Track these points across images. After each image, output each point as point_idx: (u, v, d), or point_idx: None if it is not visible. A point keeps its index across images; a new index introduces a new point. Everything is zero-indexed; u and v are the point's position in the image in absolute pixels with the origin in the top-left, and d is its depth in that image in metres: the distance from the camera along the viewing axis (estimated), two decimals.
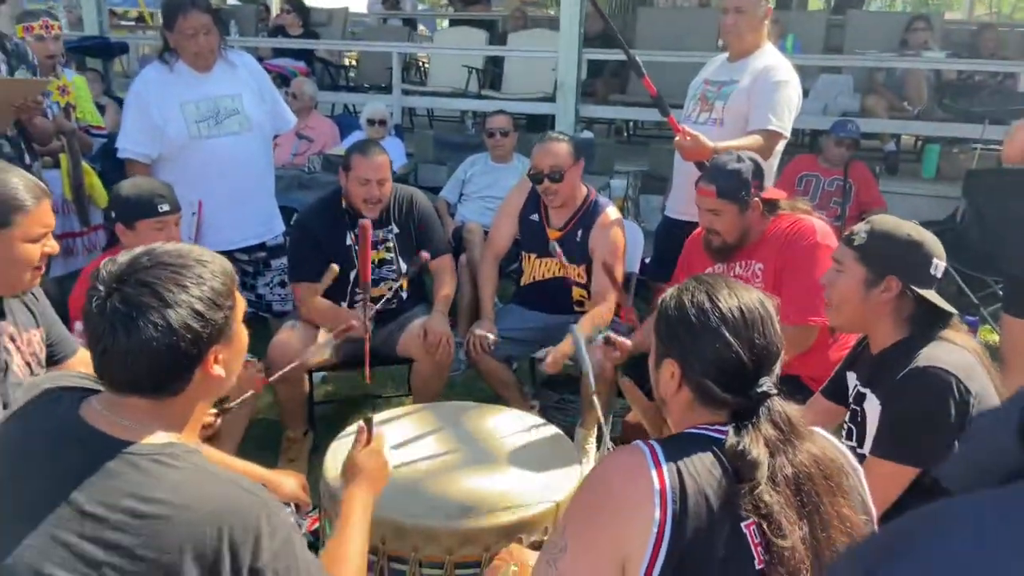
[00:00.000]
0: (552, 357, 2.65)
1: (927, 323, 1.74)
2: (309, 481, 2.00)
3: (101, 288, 1.09)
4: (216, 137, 3.04)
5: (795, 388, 1.94)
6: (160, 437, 1.12)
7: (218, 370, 1.15)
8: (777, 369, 1.21)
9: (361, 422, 1.63)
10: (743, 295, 1.22)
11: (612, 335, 2.45)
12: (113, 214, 2.44)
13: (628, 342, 2.46)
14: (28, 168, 2.96)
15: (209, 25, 2.98)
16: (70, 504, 1.04)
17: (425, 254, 2.80)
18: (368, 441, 1.59)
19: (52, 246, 1.73)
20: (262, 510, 1.09)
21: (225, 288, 1.15)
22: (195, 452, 1.13)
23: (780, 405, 1.18)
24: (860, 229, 1.82)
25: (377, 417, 2.28)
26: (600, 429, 2.95)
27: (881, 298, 1.76)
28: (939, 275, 1.76)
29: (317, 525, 2.16)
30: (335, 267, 2.74)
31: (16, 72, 2.91)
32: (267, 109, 3.21)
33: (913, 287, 1.74)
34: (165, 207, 2.41)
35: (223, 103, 3.06)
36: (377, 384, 3.51)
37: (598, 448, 2.93)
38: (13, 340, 1.74)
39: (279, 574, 1.09)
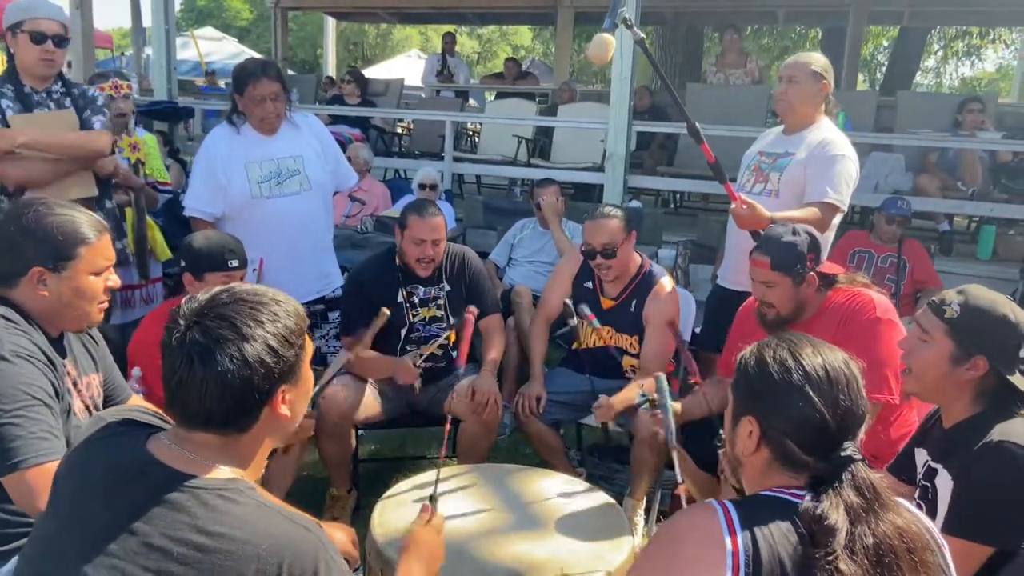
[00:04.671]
0: (609, 403, 2.63)
1: (1005, 399, 1.68)
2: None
3: (181, 322, 1.12)
4: (277, 197, 3.11)
5: None
6: (224, 472, 1.13)
7: (284, 410, 1.17)
8: (861, 434, 1.17)
9: (427, 501, 1.63)
10: (827, 354, 1.19)
11: (656, 398, 2.39)
12: (183, 263, 2.50)
13: (677, 405, 2.41)
14: (102, 206, 3.07)
15: (278, 92, 3.08)
16: (135, 536, 1.05)
17: (473, 308, 2.77)
18: (431, 518, 1.58)
19: (115, 280, 1.78)
20: (320, 548, 1.10)
21: (298, 328, 1.18)
22: (255, 489, 1.13)
23: (864, 471, 1.13)
24: (953, 299, 1.73)
25: (423, 478, 2.25)
26: (649, 500, 2.88)
27: (965, 376, 1.70)
28: None
29: None
30: (386, 311, 2.72)
31: (83, 115, 2.99)
32: (329, 168, 3.29)
33: (1001, 370, 1.67)
34: (235, 263, 2.48)
35: (285, 164, 3.15)
36: (422, 445, 3.48)
37: (646, 521, 2.84)
38: (75, 384, 1.77)
39: None
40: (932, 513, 1.72)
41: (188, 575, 1.02)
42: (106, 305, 1.78)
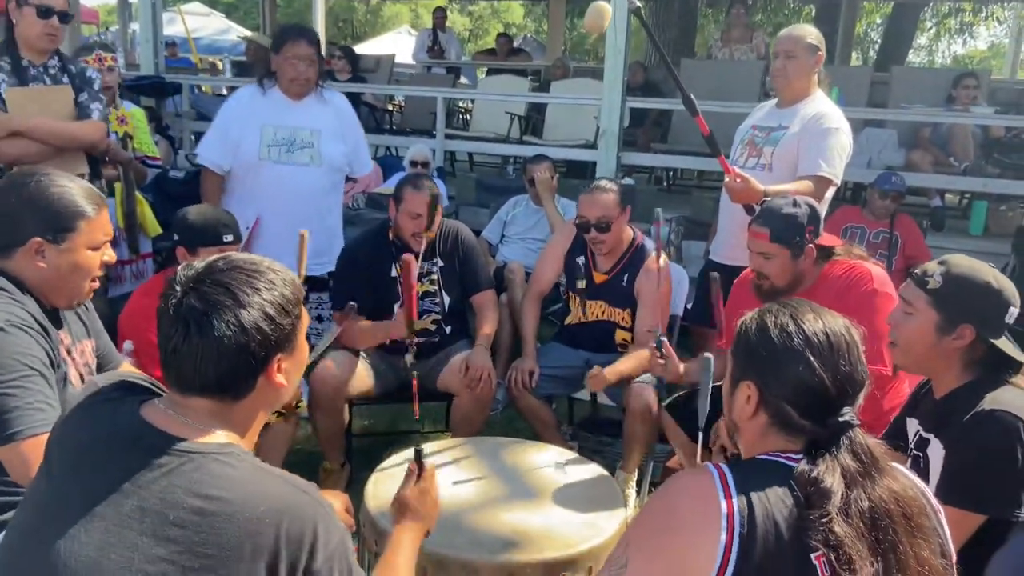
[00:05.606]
0: (602, 372, 2.63)
1: (995, 367, 1.68)
2: None
3: (178, 288, 1.11)
4: (284, 164, 3.17)
5: None
6: (220, 437, 1.12)
7: (280, 379, 1.16)
8: (860, 400, 1.17)
9: (411, 457, 1.60)
10: (829, 320, 1.19)
11: (666, 342, 2.39)
12: (176, 237, 2.49)
13: (679, 363, 2.41)
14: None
15: (312, 57, 3.17)
16: (129, 500, 1.04)
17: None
18: (419, 477, 1.56)
19: (110, 255, 1.77)
20: (318, 511, 1.09)
21: (294, 297, 1.18)
22: (251, 454, 1.13)
23: (862, 436, 1.14)
24: (934, 270, 1.73)
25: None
26: (641, 473, 2.90)
27: (952, 345, 1.70)
28: (1012, 322, 1.70)
29: (356, 557, 2.13)
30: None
31: (79, 96, 2.98)
32: (345, 150, 3.33)
33: (987, 337, 1.68)
34: (229, 237, 2.47)
35: (300, 134, 3.20)
36: (415, 420, 3.48)
37: (638, 493, 2.86)
38: (69, 352, 1.76)
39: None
40: (924, 482, 1.73)
41: (185, 538, 1.02)
42: (97, 284, 1.77)
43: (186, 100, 7.03)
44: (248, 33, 11.65)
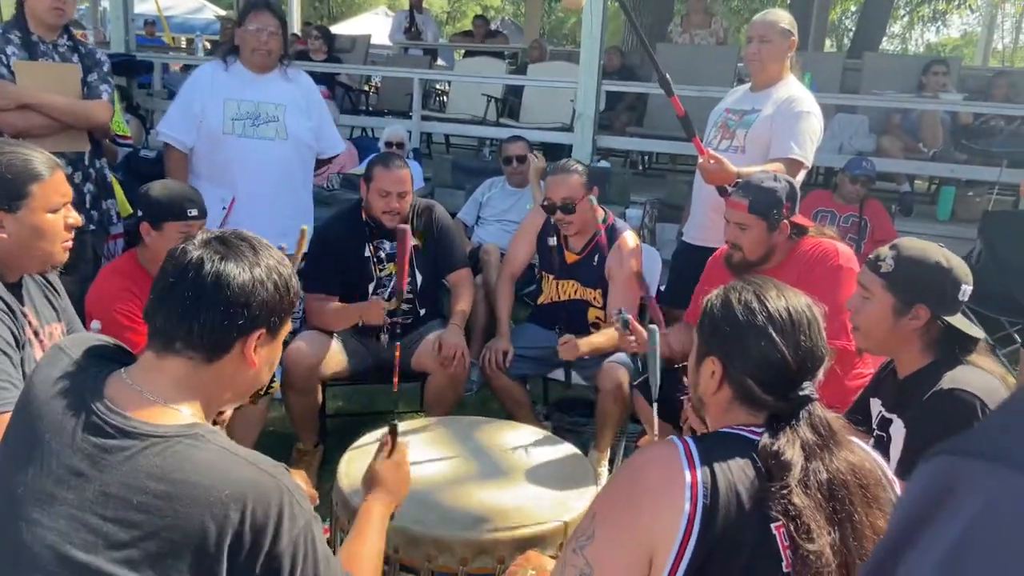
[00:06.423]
0: (574, 341, 2.65)
1: (954, 346, 1.73)
2: (320, 493, 1.97)
3: (197, 241, 1.16)
4: (248, 138, 3.13)
5: None
6: (184, 417, 1.11)
7: (253, 357, 1.16)
8: (820, 376, 1.20)
9: (386, 431, 1.61)
10: (791, 297, 1.22)
11: (632, 319, 2.42)
12: (139, 212, 2.45)
13: (643, 332, 2.44)
14: (92, 164, 3.05)
15: (276, 28, 3.15)
16: (91, 484, 1.02)
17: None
18: (392, 451, 1.57)
19: (75, 217, 1.74)
20: (284, 494, 1.08)
21: (296, 288, 1.22)
22: (217, 433, 1.11)
23: (820, 410, 1.17)
24: (886, 255, 1.78)
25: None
26: (613, 453, 2.94)
27: (910, 325, 1.74)
28: (966, 299, 1.75)
29: (328, 536, 2.13)
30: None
31: (89, 76, 2.95)
32: (311, 127, 3.28)
33: (942, 315, 1.72)
34: (194, 212, 2.43)
35: (265, 108, 3.17)
36: (389, 401, 3.49)
37: (610, 472, 2.90)
38: (37, 334, 1.74)
39: (297, 560, 1.08)
40: (886, 460, 1.77)
41: (149, 523, 1.00)
42: (70, 244, 1.75)
43: (158, 78, 6.92)
44: (222, 12, 11.47)
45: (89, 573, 1.00)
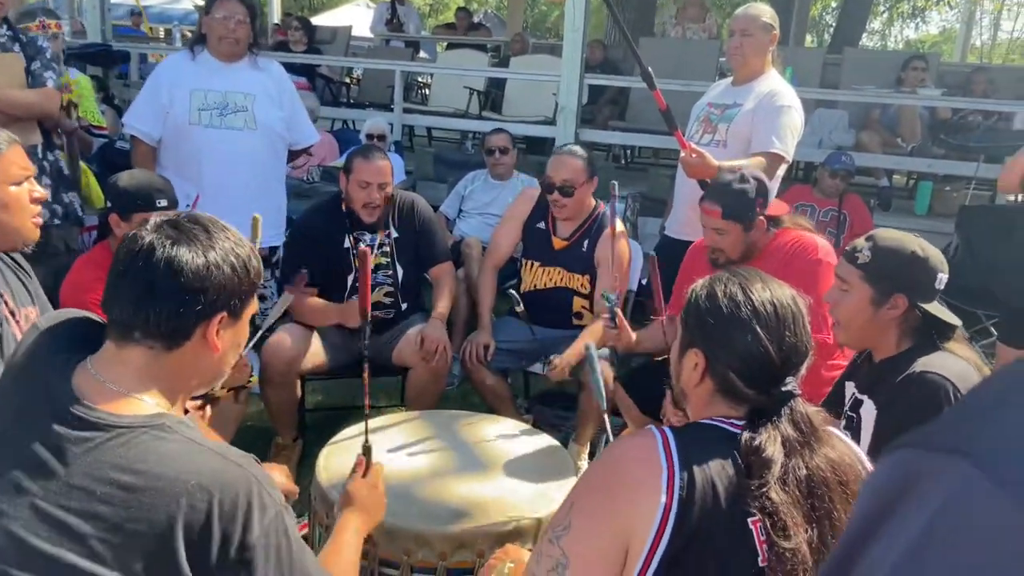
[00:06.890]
0: (561, 363, 2.64)
1: (931, 333, 1.74)
2: (300, 487, 1.95)
3: (149, 227, 1.12)
4: (216, 128, 3.06)
5: None
6: (149, 407, 1.09)
7: (216, 340, 1.14)
8: (803, 371, 1.19)
9: (360, 452, 1.61)
10: (776, 290, 1.20)
11: (619, 311, 2.42)
12: (108, 204, 2.41)
13: (632, 333, 2.45)
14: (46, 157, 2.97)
15: (243, 16, 3.07)
16: (55, 476, 1.01)
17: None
18: (366, 471, 1.56)
19: (40, 192, 1.72)
20: (253, 484, 1.06)
21: (256, 268, 1.18)
22: (184, 423, 1.09)
23: (802, 406, 1.16)
24: (863, 246, 1.79)
25: (371, 423, 2.24)
26: (593, 446, 2.94)
27: (888, 315, 1.76)
28: (942, 288, 1.76)
29: (306, 531, 2.12)
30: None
31: (32, 65, 2.88)
32: (282, 116, 3.22)
33: (920, 304, 1.74)
34: (163, 202, 2.39)
35: (233, 98, 3.10)
36: (370, 395, 3.46)
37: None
38: (13, 315, 1.72)
39: (270, 551, 1.06)
40: (856, 441, 1.79)
41: (113, 515, 0.99)
42: (40, 220, 1.73)
43: (135, 69, 6.82)
44: (200, 2, 11.32)
45: (55, 565, 0.98)
